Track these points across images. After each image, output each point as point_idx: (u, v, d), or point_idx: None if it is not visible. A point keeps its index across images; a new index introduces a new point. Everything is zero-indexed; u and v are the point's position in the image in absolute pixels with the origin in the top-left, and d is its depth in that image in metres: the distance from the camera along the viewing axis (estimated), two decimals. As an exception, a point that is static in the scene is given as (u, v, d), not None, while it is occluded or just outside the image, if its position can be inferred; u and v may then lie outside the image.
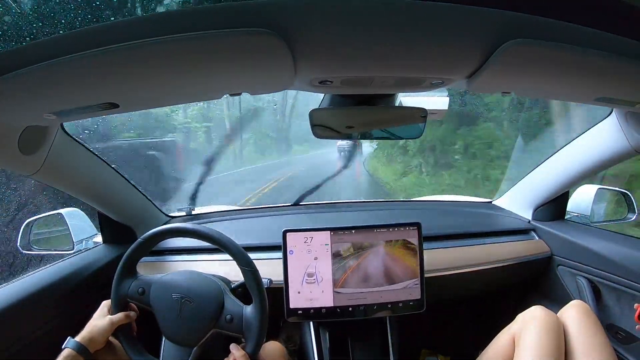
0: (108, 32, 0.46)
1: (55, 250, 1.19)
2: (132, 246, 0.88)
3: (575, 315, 0.92)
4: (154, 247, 0.91)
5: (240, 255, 0.85)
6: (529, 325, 0.90)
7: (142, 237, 0.88)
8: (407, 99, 0.91)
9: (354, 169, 8.94)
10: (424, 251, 1.10)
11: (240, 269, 0.85)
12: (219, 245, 0.85)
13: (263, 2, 0.45)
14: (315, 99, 0.87)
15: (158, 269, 1.16)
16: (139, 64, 0.51)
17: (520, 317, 0.96)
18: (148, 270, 1.07)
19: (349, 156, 7.87)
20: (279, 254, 1.08)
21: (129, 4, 0.46)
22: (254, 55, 0.52)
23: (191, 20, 0.45)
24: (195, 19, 0.45)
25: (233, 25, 0.46)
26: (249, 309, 0.83)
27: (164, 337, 0.85)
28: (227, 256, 0.86)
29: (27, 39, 0.46)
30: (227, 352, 0.82)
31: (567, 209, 1.38)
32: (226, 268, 1.02)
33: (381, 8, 0.45)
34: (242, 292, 0.92)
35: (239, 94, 0.69)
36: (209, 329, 0.82)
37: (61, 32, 0.47)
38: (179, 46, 0.47)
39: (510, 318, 0.99)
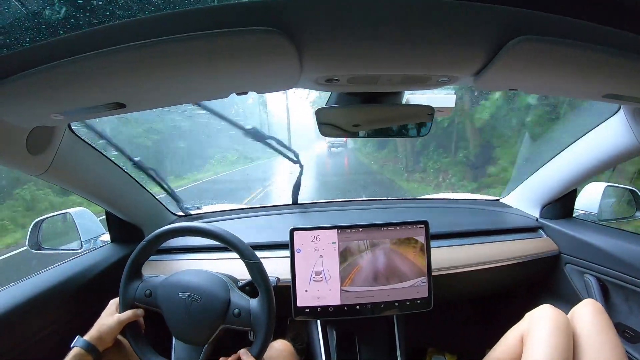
0: (113, 32, 0.46)
1: (63, 249, 1.20)
2: (137, 249, 0.88)
3: (588, 313, 0.91)
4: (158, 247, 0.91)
5: (243, 247, 0.84)
6: (539, 324, 0.90)
7: (144, 239, 0.88)
8: (413, 97, 0.90)
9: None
10: (432, 249, 1.09)
11: (244, 262, 0.84)
12: (221, 240, 0.85)
13: (269, 0, 0.45)
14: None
15: (163, 268, 1.17)
16: (145, 64, 0.51)
17: (529, 316, 0.95)
18: (153, 270, 1.07)
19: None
20: (286, 253, 1.08)
21: (134, 4, 0.45)
22: (260, 54, 0.51)
23: (197, 20, 0.45)
24: (201, 18, 0.45)
25: (239, 24, 0.45)
26: (255, 302, 0.84)
27: (174, 339, 0.85)
28: (232, 255, 0.86)
29: (33, 40, 0.46)
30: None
31: (575, 207, 1.37)
32: (232, 266, 1.02)
33: (387, 5, 0.45)
34: (249, 291, 0.92)
35: (245, 93, 0.69)
36: (218, 325, 0.83)
37: (68, 33, 0.47)
38: (185, 46, 0.47)
39: (517, 316, 0.99)
